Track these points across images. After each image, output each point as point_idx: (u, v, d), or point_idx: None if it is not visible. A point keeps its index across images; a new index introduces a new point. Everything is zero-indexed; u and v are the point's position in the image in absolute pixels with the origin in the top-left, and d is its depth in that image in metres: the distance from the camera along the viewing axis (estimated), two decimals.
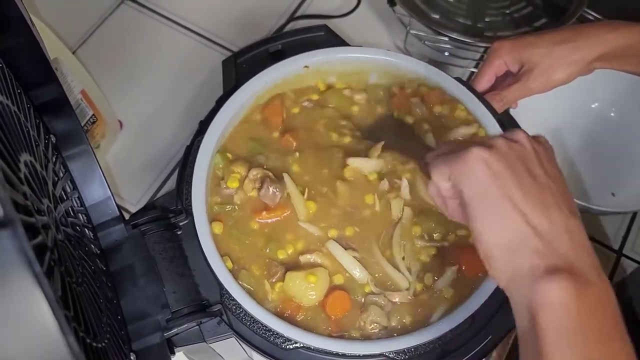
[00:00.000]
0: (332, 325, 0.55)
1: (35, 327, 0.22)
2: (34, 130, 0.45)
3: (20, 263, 0.21)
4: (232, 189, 0.60)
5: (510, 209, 0.40)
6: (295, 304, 0.56)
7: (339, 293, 0.56)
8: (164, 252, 0.57)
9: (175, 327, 0.53)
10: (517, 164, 0.42)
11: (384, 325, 0.55)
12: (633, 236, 0.81)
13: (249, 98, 0.64)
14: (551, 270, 0.37)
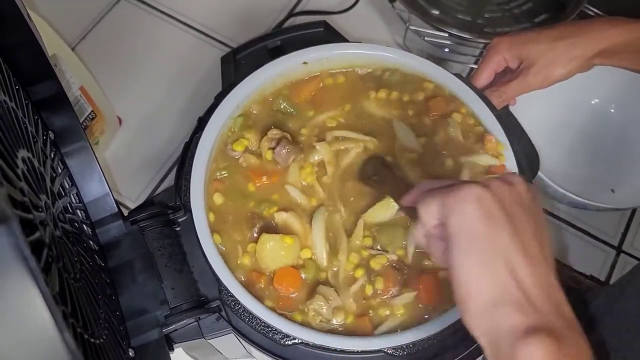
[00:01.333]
0: (281, 301, 0.55)
1: (31, 323, 0.22)
2: (32, 126, 0.45)
3: (15, 259, 0.21)
4: (237, 152, 0.61)
5: (497, 254, 0.38)
6: (257, 273, 0.56)
7: (290, 269, 0.56)
8: (163, 249, 0.57)
9: (173, 323, 0.53)
10: (512, 207, 0.39)
11: (326, 318, 0.55)
12: (632, 233, 0.81)
13: (248, 94, 0.64)
14: (533, 330, 0.36)
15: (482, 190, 0.39)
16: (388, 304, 0.55)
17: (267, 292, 0.56)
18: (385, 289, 0.55)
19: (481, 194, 0.39)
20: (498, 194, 0.39)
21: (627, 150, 0.81)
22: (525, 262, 0.38)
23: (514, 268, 0.37)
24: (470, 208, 0.38)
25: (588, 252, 0.79)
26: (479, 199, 0.39)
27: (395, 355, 0.52)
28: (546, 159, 0.74)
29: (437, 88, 0.66)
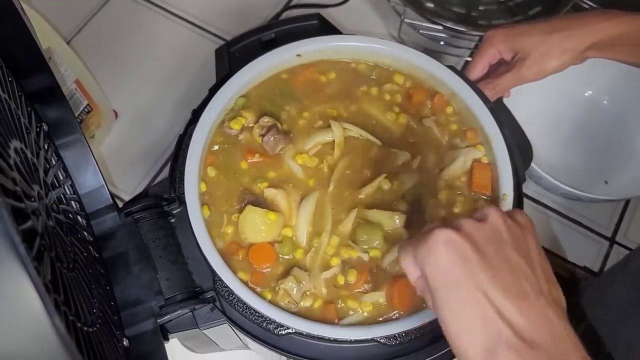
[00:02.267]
0: (254, 276, 0.56)
1: (20, 308, 0.22)
2: (25, 118, 0.45)
3: (3, 244, 0.22)
4: (234, 130, 0.62)
5: (480, 300, 0.36)
6: (237, 245, 0.57)
7: (266, 245, 0.57)
8: (158, 240, 0.57)
9: (168, 313, 0.53)
10: (487, 246, 0.37)
11: (294, 300, 0.55)
12: (625, 224, 0.81)
13: (242, 87, 0.64)
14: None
15: (451, 233, 0.37)
16: (357, 298, 0.56)
17: (242, 265, 0.57)
18: (357, 283, 0.56)
19: (450, 237, 0.37)
20: (469, 234, 0.38)
21: (620, 141, 0.81)
22: (511, 299, 0.36)
23: (501, 308, 0.36)
24: (441, 254, 0.37)
25: (582, 243, 0.80)
26: (449, 241, 0.37)
27: (387, 344, 0.53)
28: (540, 151, 0.75)
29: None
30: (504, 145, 0.60)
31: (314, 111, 0.65)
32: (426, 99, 0.66)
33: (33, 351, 0.23)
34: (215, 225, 0.59)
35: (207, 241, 0.56)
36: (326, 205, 0.60)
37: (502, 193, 0.58)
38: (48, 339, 0.23)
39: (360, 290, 0.56)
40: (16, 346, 0.23)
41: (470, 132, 0.63)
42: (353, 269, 0.56)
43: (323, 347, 0.54)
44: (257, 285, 0.56)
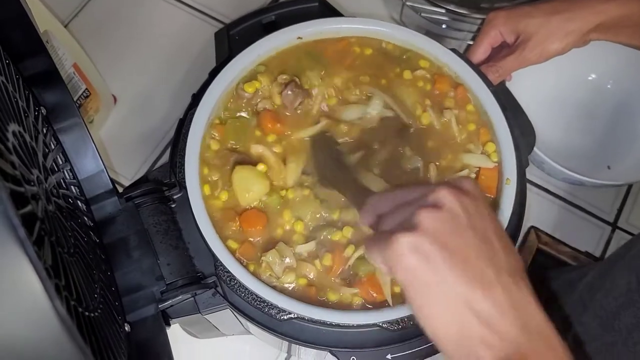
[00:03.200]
0: (243, 246, 0.57)
1: (21, 292, 0.22)
2: (22, 101, 0.45)
3: (3, 227, 0.21)
4: (248, 93, 0.62)
5: (449, 295, 0.37)
6: (231, 212, 0.58)
7: (257, 211, 0.58)
8: (158, 225, 0.57)
9: (169, 298, 0.53)
10: (446, 238, 0.38)
11: (275, 274, 0.55)
12: (628, 209, 0.81)
13: (242, 70, 0.64)
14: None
15: (412, 236, 0.38)
16: (337, 290, 0.55)
17: (235, 234, 0.57)
18: (334, 268, 0.56)
19: (412, 241, 0.38)
20: (429, 230, 0.38)
21: (623, 126, 0.80)
22: (479, 290, 0.37)
23: (468, 301, 0.37)
24: (407, 259, 0.38)
25: (583, 228, 0.79)
26: (412, 247, 0.38)
27: (390, 329, 0.53)
28: (542, 135, 0.74)
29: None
30: (507, 130, 0.60)
31: (342, 77, 0.65)
32: (450, 88, 0.64)
33: (34, 336, 0.22)
34: (213, 190, 0.59)
35: (209, 226, 0.56)
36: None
37: (506, 178, 0.58)
38: (49, 324, 0.22)
39: (335, 277, 0.56)
40: (17, 331, 0.22)
41: (483, 130, 0.62)
42: (328, 253, 0.56)
43: (325, 332, 0.54)
44: (244, 256, 0.56)
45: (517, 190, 0.58)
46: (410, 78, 0.64)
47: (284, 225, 0.58)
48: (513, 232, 0.57)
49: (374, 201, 0.45)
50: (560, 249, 0.77)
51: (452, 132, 0.62)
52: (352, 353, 0.53)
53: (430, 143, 0.62)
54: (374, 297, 0.55)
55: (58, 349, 0.23)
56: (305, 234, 0.58)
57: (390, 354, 0.53)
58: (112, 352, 0.41)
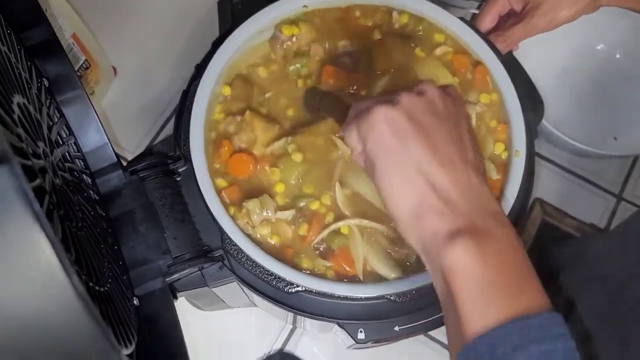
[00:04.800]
0: (230, 186, 0.57)
1: (38, 267, 0.21)
2: (25, 72, 0.44)
3: (18, 202, 0.21)
4: (284, 36, 0.63)
5: (411, 167, 0.39)
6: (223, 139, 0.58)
7: (244, 155, 0.58)
8: (164, 199, 0.57)
9: (177, 272, 0.53)
10: (422, 117, 0.40)
11: (252, 223, 0.56)
12: (633, 180, 0.80)
13: (246, 40, 0.62)
14: (454, 233, 0.37)
15: (390, 108, 0.40)
16: (312, 258, 0.55)
17: (223, 174, 0.58)
18: (305, 239, 0.56)
19: (389, 112, 0.40)
20: (407, 107, 0.40)
21: (631, 96, 0.79)
22: (441, 168, 0.39)
23: (430, 176, 0.39)
24: (380, 128, 0.40)
25: (589, 199, 0.79)
26: (388, 117, 0.40)
27: (397, 301, 0.53)
28: (549, 106, 0.73)
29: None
30: (517, 101, 0.59)
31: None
32: (469, 65, 0.62)
33: (52, 311, 0.22)
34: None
35: (215, 200, 0.55)
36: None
37: (515, 149, 0.57)
38: (67, 299, 0.22)
39: (309, 245, 0.56)
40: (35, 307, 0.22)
41: (501, 126, 0.60)
42: (305, 223, 0.56)
43: (333, 304, 0.54)
44: (228, 198, 0.57)
45: (526, 162, 0.57)
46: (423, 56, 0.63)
47: (271, 181, 0.58)
48: (521, 204, 0.57)
49: (358, 102, 0.47)
50: (565, 220, 0.76)
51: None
52: (359, 325, 0.54)
53: None
54: (346, 271, 0.55)
55: (76, 325, 0.22)
56: (286, 196, 0.58)
57: (397, 325, 0.54)
58: (123, 325, 0.41)
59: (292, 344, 0.72)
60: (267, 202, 0.56)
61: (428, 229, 0.38)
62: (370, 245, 0.55)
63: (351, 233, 0.55)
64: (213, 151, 0.58)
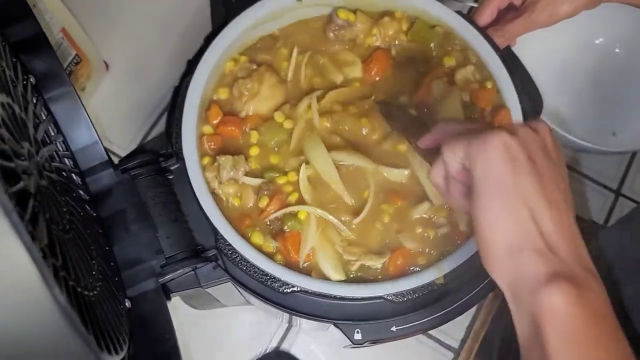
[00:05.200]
0: (208, 137, 0.58)
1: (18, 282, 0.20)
2: (10, 69, 0.42)
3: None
4: (341, 19, 0.62)
5: (520, 199, 0.38)
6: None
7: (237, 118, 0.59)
8: (156, 197, 0.55)
9: (170, 272, 0.52)
10: (537, 154, 0.40)
11: (219, 177, 0.56)
12: (632, 176, 0.80)
13: (239, 35, 0.61)
14: (554, 276, 0.36)
15: (509, 137, 0.39)
16: (264, 234, 0.55)
17: (209, 125, 0.59)
18: (263, 212, 0.56)
19: (508, 140, 0.39)
20: (524, 140, 0.39)
21: (630, 92, 0.79)
22: (548, 209, 0.38)
23: (536, 214, 0.38)
24: (496, 153, 0.39)
25: (588, 195, 0.78)
26: (506, 145, 0.39)
27: (395, 301, 0.52)
28: (548, 101, 0.72)
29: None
30: (515, 96, 0.58)
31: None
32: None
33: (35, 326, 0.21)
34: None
35: (209, 199, 0.54)
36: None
37: None
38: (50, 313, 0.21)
39: (266, 218, 0.56)
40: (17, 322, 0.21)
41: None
42: (266, 197, 0.56)
43: (329, 304, 0.53)
44: (210, 142, 0.57)
45: None
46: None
47: (249, 143, 0.58)
48: None
49: (445, 125, 0.47)
50: None
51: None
52: (356, 325, 0.53)
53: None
54: (290, 255, 0.54)
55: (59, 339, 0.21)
56: (259, 162, 0.58)
57: (395, 326, 0.53)
58: (113, 329, 0.40)
59: (288, 342, 0.71)
60: (240, 162, 0.56)
61: (524, 266, 0.37)
62: (323, 239, 0.55)
63: (307, 220, 0.55)
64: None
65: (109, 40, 0.82)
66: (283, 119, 0.59)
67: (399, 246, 0.55)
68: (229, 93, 0.60)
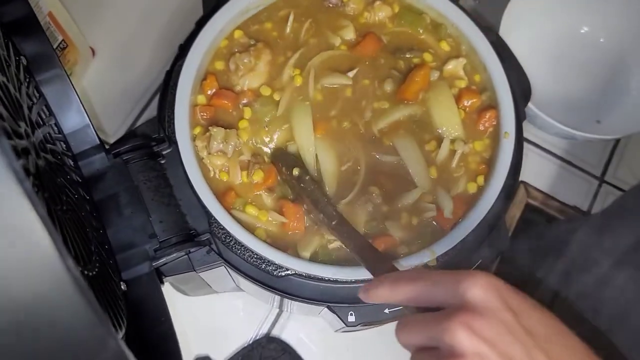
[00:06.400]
0: (202, 108, 0.59)
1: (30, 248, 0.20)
2: (3, 49, 0.42)
3: (10, 181, 0.19)
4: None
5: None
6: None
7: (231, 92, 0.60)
8: (148, 182, 0.55)
9: (163, 256, 0.52)
10: (505, 343, 0.35)
11: (209, 148, 0.56)
12: (615, 163, 0.81)
13: (232, 19, 0.61)
14: None
15: (476, 344, 0.35)
16: (258, 206, 0.56)
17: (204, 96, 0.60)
18: (259, 184, 0.56)
19: (477, 350, 0.35)
20: (488, 338, 0.35)
21: (614, 80, 0.80)
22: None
23: None
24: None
25: (572, 182, 0.80)
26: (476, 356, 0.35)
27: None
28: (534, 89, 0.73)
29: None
30: (507, 83, 0.59)
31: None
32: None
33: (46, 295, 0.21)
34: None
35: (202, 183, 0.54)
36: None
37: (504, 131, 0.57)
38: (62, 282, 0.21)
39: (261, 192, 0.56)
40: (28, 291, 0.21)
41: (483, 167, 0.59)
42: (260, 170, 0.56)
43: (323, 287, 0.53)
44: (203, 112, 0.58)
45: (515, 144, 0.57)
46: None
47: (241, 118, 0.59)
48: (510, 187, 0.57)
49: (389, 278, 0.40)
50: (549, 203, 0.77)
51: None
52: (350, 308, 0.53)
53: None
54: (288, 225, 0.55)
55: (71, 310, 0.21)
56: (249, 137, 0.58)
57: (387, 308, 0.53)
58: (113, 310, 0.40)
59: (279, 328, 0.72)
60: (231, 135, 0.57)
61: None
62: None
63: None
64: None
65: (95, 26, 0.81)
66: (270, 92, 0.59)
67: (382, 233, 0.56)
68: (225, 65, 0.61)
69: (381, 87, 0.61)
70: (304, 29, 0.62)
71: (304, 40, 0.62)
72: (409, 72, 0.60)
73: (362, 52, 0.62)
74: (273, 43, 0.62)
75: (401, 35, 0.64)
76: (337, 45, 0.62)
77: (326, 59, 0.61)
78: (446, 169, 0.58)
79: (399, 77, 0.61)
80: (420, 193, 0.57)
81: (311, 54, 0.61)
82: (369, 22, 0.63)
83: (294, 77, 0.60)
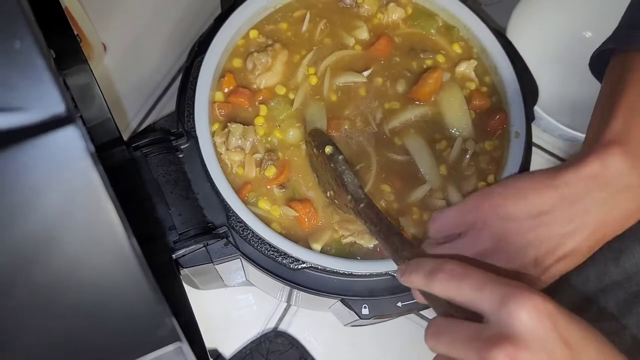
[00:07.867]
0: (219, 104, 0.60)
1: (102, 229, 0.21)
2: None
3: (88, 162, 0.20)
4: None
5: None
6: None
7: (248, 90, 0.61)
8: (167, 175, 0.56)
9: (182, 248, 0.53)
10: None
11: (227, 144, 0.57)
12: None
13: (250, 18, 0.62)
14: None
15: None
16: (271, 200, 0.57)
17: (221, 92, 0.61)
18: (271, 180, 0.58)
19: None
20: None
21: None
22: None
23: None
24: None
25: None
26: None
27: None
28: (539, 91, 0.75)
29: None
30: (517, 84, 0.61)
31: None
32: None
33: (113, 271, 0.22)
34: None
35: (221, 177, 0.55)
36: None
37: (515, 131, 0.59)
38: (128, 259, 0.22)
39: (273, 187, 0.58)
40: (96, 266, 0.22)
41: (493, 166, 0.60)
42: (273, 166, 0.57)
43: (337, 280, 0.54)
44: (221, 109, 0.59)
45: (525, 144, 0.59)
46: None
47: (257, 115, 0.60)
48: None
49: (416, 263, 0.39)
50: None
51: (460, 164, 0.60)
52: (364, 301, 0.55)
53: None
54: (301, 220, 0.56)
55: (136, 289, 0.22)
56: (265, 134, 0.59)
57: (400, 301, 0.55)
58: None
59: (286, 322, 0.73)
60: (249, 132, 0.58)
61: None
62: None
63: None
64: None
65: (107, 21, 0.82)
66: (285, 91, 0.61)
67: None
68: (243, 63, 0.62)
69: (393, 87, 0.62)
70: (318, 29, 0.63)
71: (318, 40, 0.63)
72: (422, 73, 0.62)
73: (376, 52, 0.63)
74: (289, 43, 0.63)
75: (414, 37, 0.65)
76: (351, 45, 0.64)
77: (340, 58, 0.63)
78: (457, 168, 0.59)
79: (411, 77, 0.62)
80: (429, 188, 0.58)
81: (325, 53, 0.62)
82: (382, 23, 0.65)
83: (308, 76, 0.61)
